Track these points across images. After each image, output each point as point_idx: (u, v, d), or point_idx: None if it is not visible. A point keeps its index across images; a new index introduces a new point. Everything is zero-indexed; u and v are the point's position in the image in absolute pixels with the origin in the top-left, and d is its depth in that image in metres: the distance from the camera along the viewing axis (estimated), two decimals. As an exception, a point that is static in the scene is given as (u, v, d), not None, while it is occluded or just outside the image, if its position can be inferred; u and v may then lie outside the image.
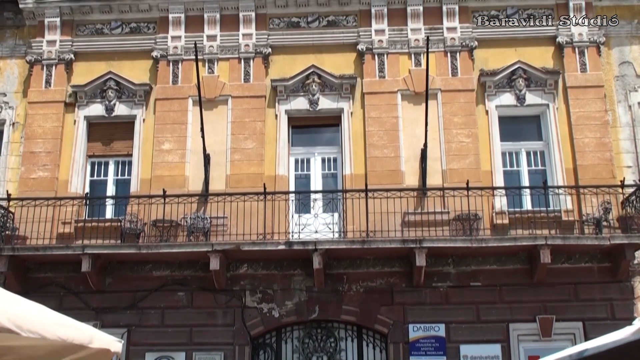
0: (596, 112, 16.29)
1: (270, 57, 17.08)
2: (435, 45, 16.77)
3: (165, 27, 17.31)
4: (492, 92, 16.60)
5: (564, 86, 16.56)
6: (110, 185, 16.75)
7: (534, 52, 16.82)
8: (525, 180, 16.26)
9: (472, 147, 16.13)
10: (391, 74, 16.81)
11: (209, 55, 17.06)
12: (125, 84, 16.91)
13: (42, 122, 16.72)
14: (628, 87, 16.65)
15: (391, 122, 16.44)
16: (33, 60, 17.17)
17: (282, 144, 16.47)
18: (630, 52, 16.91)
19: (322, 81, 16.78)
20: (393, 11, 17.21)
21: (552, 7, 17.13)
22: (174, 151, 16.41)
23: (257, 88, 16.85)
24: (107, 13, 17.41)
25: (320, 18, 17.33)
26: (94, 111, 16.91)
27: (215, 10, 17.32)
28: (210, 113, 16.55)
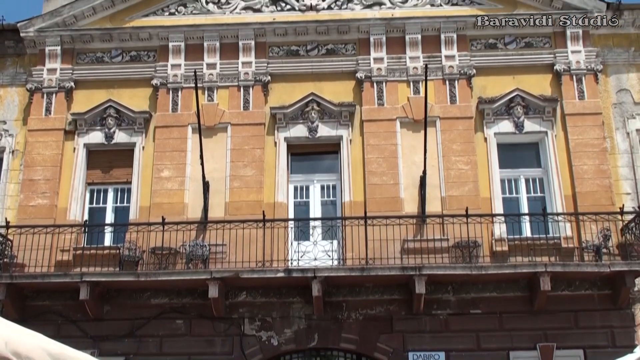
0: (594, 139, 16.33)
1: (270, 85, 17.16)
2: (434, 73, 16.85)
3: (165, 56, 17.41)
4: (490, 120, 16.66)
5: (562, 113, 16.64)
6: (109, 213, 16.73)
7: (532, 79, 16.92)
8: (525, 207, 16.27)
9: (471, 174, 16.15)
10: (390, 101, 16.88)
11: (208, 83, 17.15)
12: (125, 112, 16.97)
13: (42, 150, 16.75)
14: (626, 114, 16.73)
15: (390, 149, 16.47)
16: (33, 88, 17.25)
17: (281, 171, 16.49)
18: (628, 80, 17.01)
19: (321, 109, 16.85)
20: (391, 39, 17.33)
21: (549, 35, 17.26)
22: (173, 178, 16.42)
23: (256, 116, 16.91)
24: (107, 41, 17.52)
25: (320, 46, 17.44)
26: (94, 139, 16.96)
27: (215, 39, 17.43)
28: (210, 140, 16.59)
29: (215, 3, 17.94)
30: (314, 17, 17.61)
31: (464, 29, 17.28)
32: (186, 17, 17.81)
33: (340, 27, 17.33)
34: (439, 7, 17.66)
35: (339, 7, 17.83)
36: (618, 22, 17.21)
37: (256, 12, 17.84)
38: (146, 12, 17.85)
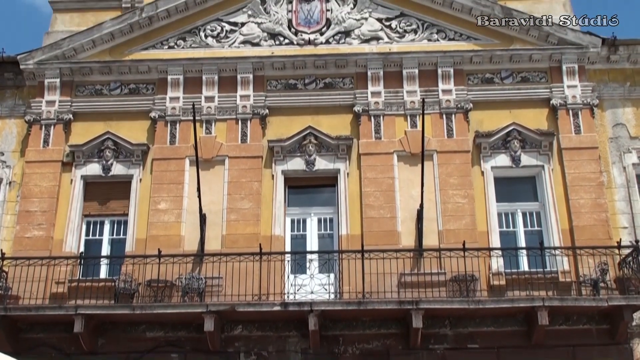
0: (591, 174, 16.37)
1: (268, 118, 17.23)
2: (431, 107, 16.96)
3: (164, 88, 17.50)
4: (487, 154, 16.71)
5: (558, 148, 16.70)
6: (106, 245, 16.68)
7: (529, 114, 17.01)
8: (522, 241, 16.25)
9: (468, 207, 16.15)
10: (387, 135, 16.94)
11: (206, 116, 17.21)
12: (123, 144, 17.01)
13: (39, 181, 16.74)
14: (622, 148, 16.80)
15: (387, 182, 16.49)
16: (32, 120, 17.30)
17: (279, 204, 16.49)
18: (624, 114, 17.11)
19: (319, 142, 16.90)
20: (389, 74, 17.45)
21: (545, 70, 17.39)
22: (170, 211, 16.40)
23: (254, 149, 16.95)
24: (106, 74, 17.62)
25: (317, 80, 17.55)
26: (91, 171, 16.97)
27: (214, 72, 17.54)
28: (207, 173, 16.60)
29: (214, 37, 18.08)
30: (312, 51, 17.74)
31: (460, 63, 17.40)
32: (185, 50, 17.94)
33: (338, 61, 17.45)
34: (435, 42, 17.81)
35: (337, 41, 17.97)
36: (613, 58, 17.34)
37: (255, 46, 17.97)
38: (145, 45, 17.98)
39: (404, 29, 17.97)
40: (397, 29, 17.98)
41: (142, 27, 17.97)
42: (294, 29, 18.09)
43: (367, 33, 17.95)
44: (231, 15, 18.24)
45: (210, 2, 18.19)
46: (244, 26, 18.14)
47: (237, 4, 18.29)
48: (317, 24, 18.14)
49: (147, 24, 17.98)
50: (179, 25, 18.12)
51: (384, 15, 18.09)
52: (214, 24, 18.17)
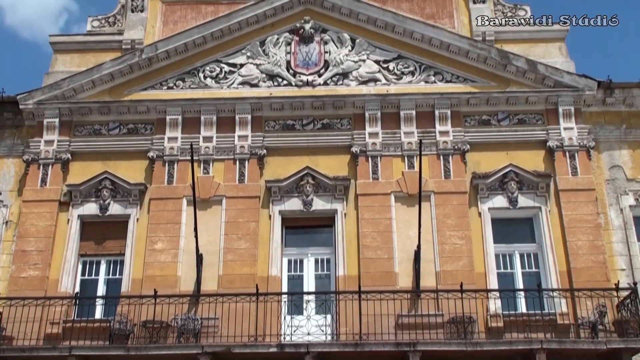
0: (588, 215, 16.38)
1: (265, 158, 17.29)
2: (428, 148, 17.03)
3: (162, 128, 17.58)
4: (484, 195, 16.74)
5: (555, 189, 16.73)
6: (101, 285, 16.60)
7: (526, 155, 17.09)
8: (520, 283, 16.20)
9: (466, 249, 16.12)
10: (384, 176, 16.98)
11: (204, 156, 17.26)
12: (121, 184, 17.03)
13: (36, 221, 16.72)
14: (619, 190, 16.85)
15: (385, 223, 16.48)
16: (30, 160, 17.34)
17: (276, 244, 16.46)
18: (620, 157, 17.19)
19: (316, 182, 16.93)
20: (386, 115, 17.55)
21: (542, 112, 17.51)
22: (167, 251, 16.35)
23: (251, 189, 16.97)
24: (105, 114, 17.72)
25: (315, 121, 17.65)
26: (88, 210, 16.96)
27: (212, 113, 17.64)
28: (205, 213, 16.59)
29: (213, 78, 18.23)
30: (310, 92, 17.88)
31: (457, 105, 17.52)
32: (184, 91, 18.07)
33: (336, 103, 17.57)
34: (432, 84, 17.95)
35: (335, 83, 18.11)
36: (609, 100, 17.48)
37: (253, 87, 18.11)
38: (145, 85, 18.13)
39: (401, 71, 18.13)
40: (395, 71, 18.14)
41: (141, 67, 18.13)
42: (292, 70, 18.24)
43: (364, 75, 18.11)
44: (230, 57, 18.42)
45: (209, 43, 18.38)
46: (242, 67, 18.31)
47: (236, 45, 18.49)
48: (316, 65, 18.31)
49: (147, 65, 18.14)
50: (179, 66, 18.28)
51: (381, 58, 18.27)
52: (213, 65, 18.34)
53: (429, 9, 19.17)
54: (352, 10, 18.50)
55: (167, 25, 19.24)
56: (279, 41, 18.56)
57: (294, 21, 18.72)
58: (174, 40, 18.27)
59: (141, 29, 19.06)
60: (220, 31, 18.37)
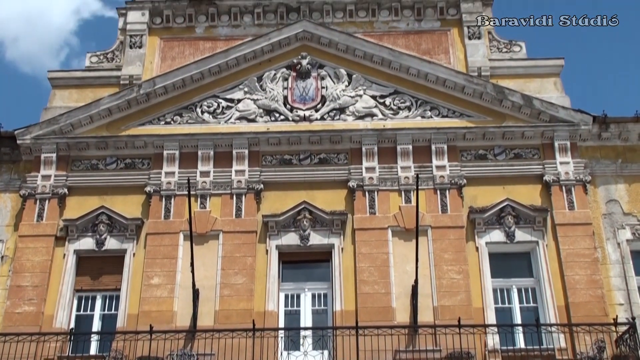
0: (585, 250, 16.34)
1: (262, 193, 17.28)
2: (425, 182, 17.05)
3: (159, 163, 17.59)
4: (481, 229, 16.73)
5: (552, 223, 16.72)
6: (97, 321, 16.47)
7: (522, 190, 17.10)
8: (517, 318, 16.10)
9: (463, 283, 16.05)
10: (382, 210, 16.97)
11: (201, 191, 17.26)
12: (117, 218, 17.00)
13: (31, 256, 16.64)
14: (616, 224, 16.84)
15: (382, 258, 16.43)
16: (27, 194, 17.31)
17: (272, 279, 16.38)
18: (616, 191, 17.22)
19: (313, 217, 16.91)
20: (383, 149, 17.59)
21: (538, 146, 17.57)
22: (163, 286, 16.26)
23: (248, 223, 16.94)
24: (103, 149, 17.75)
25: (312, 156, 17.68)
26: (84, 245, 16.90)
27: (210, 148, 17.68)
28: (201, 248, 16.54)
29: (211, 113, 18.31)
30: (307, 127, 17.95)
31: (454, 140, 17.58)
32: (181, 126, 18.13)
33: (332, 137, 17.63)
34: (429, 119, 18.04)
35: (332, 118, 18.20)
36: (605, 135, 17.56)
37: (250, 122, 18.18)
38: (142, 120, 18.19)
39: (398, 106, 18.24)
40: (391, 106, 18.24)
41: (139, 103, 18.22)
42: (289, 105, 18.34)
43: (361, 110, 18.20)
44: (228, 92, 18.53)
45: (207, 79, 18.50)
46: (240, 102, 18.40)
47: (234, 81, 18.60)
48: (313, 100, 18.41)
49: (145, 100, 18.23)
50: (176, 102, 18.38)
51: (378, 93, 18.39)
52: (211, 101, 18.43)
53: (425, 45, 19.37)
54: (349, 46, 18.67)
55: (165, 61, 19.39)
56: (276, 77, 18.70)
57: (291, 57, 18.88)
58: (171, 75, 18.39)
59: (139, 65, 19.20)
60: (217, 67, 18.51)
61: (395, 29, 19.74)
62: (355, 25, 19.76)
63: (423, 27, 19.72)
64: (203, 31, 19.90)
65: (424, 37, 19.54)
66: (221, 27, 19.92)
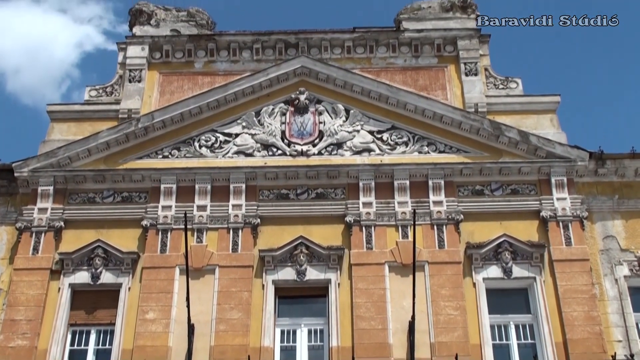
0: (583, 286, 16.26)
1: (259, 227, 17.24)
2: (422, 218, 17.03)
3: (156, 197, 17.58)
4: (479, 265, 16.66)
5: (549, 259, 16.67)
6: (91, 355, 16.28)
7: (519, 225, 17.08)
8: (515, 355, 15.95)
9: (461, 319, 15.94)
10: (378, 245, 16.92)
11: (198, 225, 17.22)
12: (113, 252, 16.92)
13: (26, 290, 16.52)
14: (613, 260, 16.80)
15: (379, 293, 16.33)
16: (23, 227, 17.26)
17: (268, 314, 16.27)
18: (613, 227, 17.20)
19: (310, 252, 16.85)
20: (380, 184, 17.60)
21: (534, 182, 17.60)
22: (158, 321, 16.13)
23: (244, 258, 16.87)
24: (100, 182, 17.74)
25: (309, 190, 17.69)
26: (80, 279, 16.79)
27: (207, 182, 17.68)
28: (197, 282, 16.44)
29: (209, 147, 18.35)
30: (305, 162, 17.98)
31: (451, 175, 17.61)
32: (179, 160, 18.16)
33: (330, 172, 17.65)
34: (426, 155, 18.09)
35: (329, 152, 18.25)
36: (601, 171, 17.61)
37: (248, 157, 18.21)
38: (140, 154, 18.22)
39: (395, 141, 18.30)
40: (389, 141, 18.30)
41: (137, 136, 18.27)
42: (287, 140, 18.40)
43: (358, 145, 18.26)
44: (226, 127, 18.60)
45: (205, 113, 18.59)
46: (238, 137, 18.46)
47: (232, 115, 18.69)
48: (310, 135, 18.48)
49: (143, 134, 18.29)
50: (174, 136, 18.44)
51: (375, 128, 18.46)
52: (209, 135, 18.49)
53: (422, 81, 19.52)
54: (347, 82, 18.81)
55: (163, 95, 19.51)
56: (274, 111, 18.79)
57: (289, 92, 18.99)
58: (170, 109, 18.48)
59: (138, 99, 19.31)
60: (216, 101, 18.61)
61: (392, 65, 19.91)
62: (353, 61, 19.94)
63: (420, 64, 19.90)
64: (202, 66, 20.07)
65: (421, 73, 19.70)
66: (220, 62, 20.10)
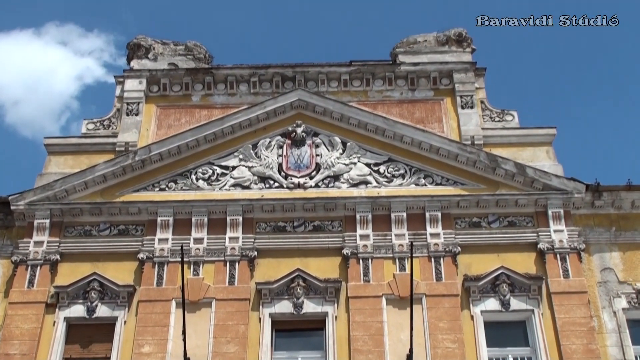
0: (581, 318, 16.17)
1: (256, 260, 17.18)
2: (419, 250, 16.98)
3: (153, 230, 17.53)
4: (476, 297, 16.59)
5: (547, 292, 16.59)
6: (84, 391, 16.17)
7: (517, 257, 17.04)
8: (515, 388, 15.86)
9: (459, 352, 15.82)
10: (376, 278, 16.84)
11: (194, 258, 17.15)
12: (109, 285, 16.82)
13: (21, 323, 16.38)
14: (611, 293, 16.72)
15: (376, 326, 16.21)
16: (18, 261, 17.16)
17: (265, 348, 16.14)
18: (611, 259, 17.16)
19: (307, 285, 16.77)
20: (377, 217, 17.57)
21: (532, 214, 17.59)
22: (154, 354, 15.98)
23: (241, 291, 16.78)
24: (96, 215, 17.71)
25: (306, 223, 17.66)
26: (75, 312, 16.67)
27: (204, 214, 17.64)
28: (193, 315, 16.32)
29: (205, 180, 18.36)
30: (302, 194, 17.98)
31: (448, 207, 17.60)
32: (176, 192, 18.16)
33: (327, 205, 17.64)
34: (423, 187, 18.11)
35: (326, 185, 18.26)
36: (598, 203, 17.61)
37: (245, 189, 18.21)
38: (137, 187, 18.23)
39: (392, 174, 18.32)
40: (386, 174, 18.33)
41: (134, 169, 18.28)
42: (284, 172, 18.42)
43: (355, 177, 18.28)
44: (223, 159, 18.63)
45: (202, 146, 18.64)
46: (234, 169, 18.48)
47: (229, 148, 18.74)
48: (307, 168, 18.50)
49: (140, 167, 18.31)
50: (171, 168, 18.46)
51: (372, 161, 18.50)
52: (206, 167, 18.51)
53: (418, 113, 19.62)
54: (343, 114, 18.89)
55: (161, 128, 19.58)
56: (271, 144, 18.83)
57: (286, 125, 19.06)
58: (167, 142, 18.53)
59: (135, 132, 19.37)
60: (213, 134, 18.67)
61: (389, 98, 20.03)
62: (349, 94, 20.06)
63: (416, 96, 20.02)
64: (199, 99, 20.17)
65: (418, 106, 19.80)
66: (217, 95, 20.21)
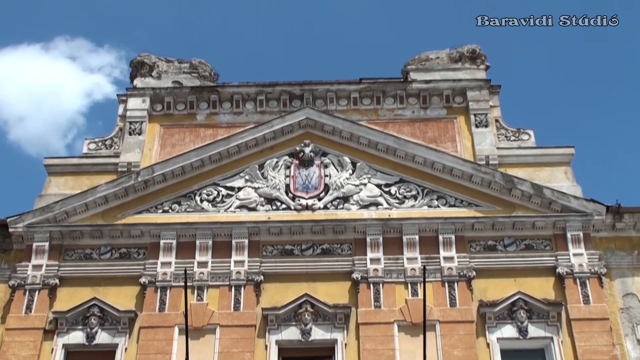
0: (603, 347, 15.57)
1: (262, 284, 16.68)
2: (432, 274, 16.47)
3: (155, 253, 17.06)
4: (492, 324, 16.03)
5: (567, 318, 16.04)
6: (82, 421, 15.61)
7: (534, 282, 16.51)
8: (534, 420, 15.22)
9: (474, 382, 15.22)
10: (387, 303, 16.32)
11: (198, 282, 16.65)
12: (110, 311, 16.34)
13: (18, 350, 15.89)
14: (634, 319, 16.18)
15: (387, 354, 15.67)
16: (16, 285, 16.69)
17: (271, 377, 15.58)
18: (634, 284, 16.64)
19: (315, 310, 16.25)
20: (388, 240, 17.07)
21: (550, 237, 17.04)
22: (156, 384, 15.43)
23: (247, 317, 16.25)
24: (97, 238, 17.24)
25: (315, 246, 17.16)
26: (74, 339, 16.17)
27: (208, 237, 17.16)
28: (197, 342, 15.82)
29: (210, 201, 17.90)
30: (310, 216, 17.50)
31: (462, 230, 17.07)
32: (180, 214, 17.70)
33: (336, 227, 17.14)
34: (436, 209, 17.59)
35: (335, 207, 17.76)
36: (619, 225, 17.08)
37: (251, 211, 17.74)
38: (139, 209, 17.80)
39: (403, 195, 17.83)
40: (397, 195, 17.83)
41: (137, 190, 17.84)
42: (291, 194, 17.93)
43: (366, 199, 17.78)
44: (228, 180, 18.18)
45: (207, 166, 18.20)
46: (240, 191, 18.02)
47: (235, 169, 18.31)
48: (315, 189, 18.02)
49: (143, 188, 17.86)
50: (175, 189, 18.02)
51: (383, 181, 18.01)
52: (210, 189, 18.05)
53: (430, 132, 19.16)
54: (353, 134, 18.43)
55: (164, 148, 19.16)
56: (278, 164, 18.37)
57: (293, 144, 18.63)
58: (171, 163, 18.10)
59: (138, 152, 18.95)
60: (218, 154, 18.23)
61: (400, 116, 19.57)
62: (359, 113, 19.60)
63: (429, 115, 19.56)
64: (204, 118, 19.76)
65: (430, 124, 19.33)
66: (223, 114, 19.81)
